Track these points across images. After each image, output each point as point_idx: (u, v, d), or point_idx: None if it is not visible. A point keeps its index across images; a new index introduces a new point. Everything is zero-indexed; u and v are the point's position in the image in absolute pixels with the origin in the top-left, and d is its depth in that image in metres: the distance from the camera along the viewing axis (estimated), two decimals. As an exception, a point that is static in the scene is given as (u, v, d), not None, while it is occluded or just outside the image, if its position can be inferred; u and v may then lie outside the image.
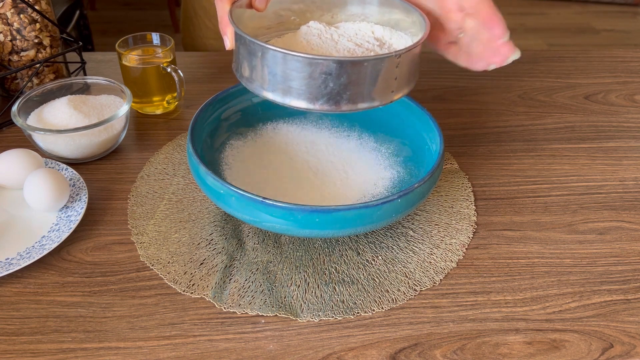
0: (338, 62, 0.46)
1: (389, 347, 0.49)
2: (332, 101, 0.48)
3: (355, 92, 0.48)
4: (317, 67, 0.46)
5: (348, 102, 0.49)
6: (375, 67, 0.48)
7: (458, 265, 0.56)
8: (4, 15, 0.74)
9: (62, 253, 0.57)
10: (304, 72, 0.47)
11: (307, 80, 0.47)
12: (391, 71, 0.49)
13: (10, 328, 0.50)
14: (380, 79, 0.48)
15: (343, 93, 0.48)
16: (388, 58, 0.48)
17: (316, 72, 0.47)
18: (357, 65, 0.47)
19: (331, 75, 0.47)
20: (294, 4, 0.60)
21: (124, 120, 0.69)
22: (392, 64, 0.48)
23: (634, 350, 0.49)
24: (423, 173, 0.58)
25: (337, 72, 0.46)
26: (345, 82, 0.47)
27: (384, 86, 0.49)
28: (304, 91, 0.48)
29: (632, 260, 0.57)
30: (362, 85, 0.48)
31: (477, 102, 0.82)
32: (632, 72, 0.90)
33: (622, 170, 0.69)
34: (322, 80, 0.47)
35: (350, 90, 0.48)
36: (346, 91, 0.48)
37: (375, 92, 0.49)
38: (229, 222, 0.60)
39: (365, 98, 0.49)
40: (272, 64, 0.48)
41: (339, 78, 0.47)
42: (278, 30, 0.60)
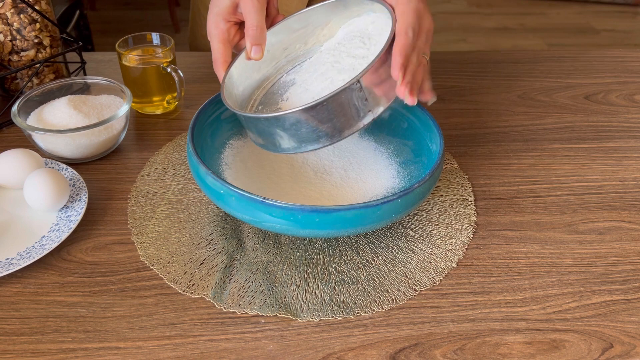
0: (299, 112, 0.50)
1: (389, 347, 0.49)
2: (313, 141, 0.52)
3: (329, 127, 0.51)
4: (285, 121, 0.50)
5: (327, 137, 0.52)
6: (335, 102, 0.50)
7: (458, 265, 0.56)
8: (4, 15, 0.74)
9: (62, 253, 0.57)
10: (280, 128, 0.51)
11: (287, 133, 0.51)
12: (357, 96, 0.50)
13: (10, 328, 0.50)
14: (347, 109, 0.51)
15: (318, 132, 0.51)
16: (344, 90, 0.49)
17: (287, 125, 0.51)
18: (316, 108, 0.50)
19: (299, 123, 0.50)
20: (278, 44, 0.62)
21: (124, 120, 0.69)
22: (352, 92, 0.50)
23: (634, 350, 0.49)
24: (423, 173, 0.58)
25: (304, 119, 0.50)
26: (315, 124, 0.50)
27: (355, 112, 0.51)
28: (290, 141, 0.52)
29: (632, 260, 0.57)
30: (331, 121, 0.51)
31: (477, 102, 0.82)
32: (632, 72, 0.90)
33: (622, 170, 0.69)
34: (295, 129, 0.51)
35: (323, 128, 0.51)
36: (319, 130, 0.51)
37: (348, 121, 0.51)
38: (229, 222, 0.60)
39: (341, 129, 0.52)
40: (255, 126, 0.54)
41: (308, 123, 0.50)
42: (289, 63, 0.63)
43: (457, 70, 0.90)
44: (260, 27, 0.56)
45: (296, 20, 0.61)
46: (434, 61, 0.90)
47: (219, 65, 0.57)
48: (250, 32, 0.56)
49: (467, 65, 0.91)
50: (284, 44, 0.62)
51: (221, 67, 0.57)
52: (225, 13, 0.57)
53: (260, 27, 0.56)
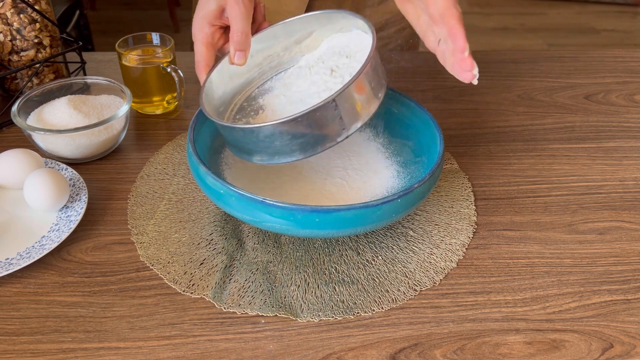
0: (275, 125, 0.50)
1: (389, 347, 0.49)
2: (286, 154, 0.52)
3: (303, 142, 0.52)
4: (260, 132, 0.51)
5: (300, 151, 0.52)
6: (310, 119, 0.50)
7: (458, 265, 0.56)
8: (4, 15, 0.74)
9: (62, 253, 0.57)
10: (254, 138, 0.52)
11: (259, 144, 0.52)
12: (332, 114, 0.51)
13: (10, 328, 0.50)
14: (324, 125, 0.51)
15: (292, 146, 0.52)
16: (321, 107, 0.50)
17: (261, 136, 0.51)
18: (291, 123, 0.50)
19: (273, 136, 0.51)
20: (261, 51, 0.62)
21: (124, 120, 0.69)
22: (328, 110, 0.50)
23: (634, 350, 0.49)
24: (423, 173, 0.58)
25: (278, 133, 0.51)
26: (289, 138, 0.51)
27: (331, 128, 0.52)
28: (259, 151, 0.53)
29: (632, 260, 0.57)
30: (306, 136, 0.51)
31: (477, 102, 0.82)
32: (632, 72, 0.90)
33: (622, 170, 0.69)
34: (269, 141, 0.51)
35: (297, 142, 0.51)
36: (293, 144, 0.51)
37: (325, 135, 0.52)
38: (229, 222, 0.60)
39: (315, 145, 0.52)
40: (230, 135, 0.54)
41: (281, 136, 0.51)
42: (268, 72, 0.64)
43: (457, 70, 0.90)
44: (246, 33, 0.57)
45: (281, 28, 0.61)
46: (435, 61, 0.90)
47: (200, 68, 0.57)
48: (235, 37, 0.56)
49: (467, 65, 0.91)
50: (267, 51, 0.62)
51: (203, 70, 0.57)
52: (210, 17, 0.57)
53: (245, 33, 0.56)
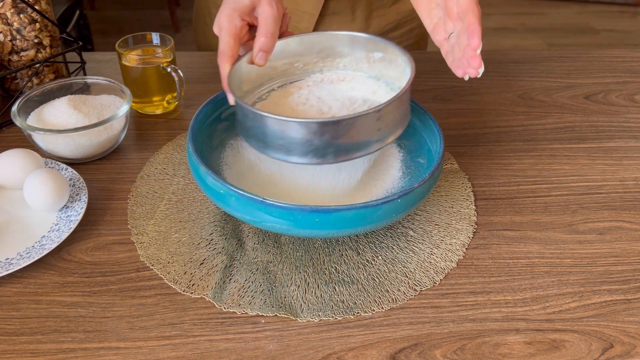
0: (320, 123, 0.50)
1: (389, 347, 0.49)
2: (319, 156, 0.52)
3: (340, 147, 0.52)
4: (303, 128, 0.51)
5: (334, 155, 0.52)
6: (356, 123, 0.51)
7: (458, 265, 0.56)
8: (4, 15, 0.74)
9: (62, 253, 0.57)
10: (291, 133, 0.51)
11: (294, 139, 0.51)
12: (372, 125, 0.52)
13: (10, 328, 0.50)
14: (364, 133, 0.52)
15: (328, 148, 0.52)
16: (368, 114, 0.51)
17: (302, 132, 0.51)
18: (338, 124, 0.51)
19: (315, 135, 0.51)
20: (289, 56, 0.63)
21: (123, 120, 0.69)
22: (372, 119, 0.52)
23: (634, 350, 0.49)
24: (423, 173, 0.58)
25: (320, 132, 0.50)
26: (328, 139, 0.51)
27: (368, 138, 0.53)
28: (293, 148, 0.52)
29: (632, 260, 0.57)
30: (345, 141, 0.52)
31: (477, 102, 0.82)
32: (632, 72, 0.90)
33: (622, 170, 0.69)
34: (308, 139, 0.51)
35: (335, 145, 0.52)
36: (330, 147, 0.52)
37: (360, 144, 0.53)
38: (229, 222, 0.60)
39: (350, 151, 0.53)
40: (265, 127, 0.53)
41: (322, 136, 0.51)
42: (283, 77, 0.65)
43: (457, 70, 0.90)
44: (274, 35, 0.57)
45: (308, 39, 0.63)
46: (434, 61, 0.90)
47: (225, 58, 0.57)
48: (263, 38, 0.56)
49: (467, 65, 0.91)
50: (285, 58, 0.63)
51: (227, 61, 0.57)
52: (242, 11, 0.57)
53: (273, 35, 0.57)
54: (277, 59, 0.62)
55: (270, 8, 0.56)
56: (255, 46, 0.57)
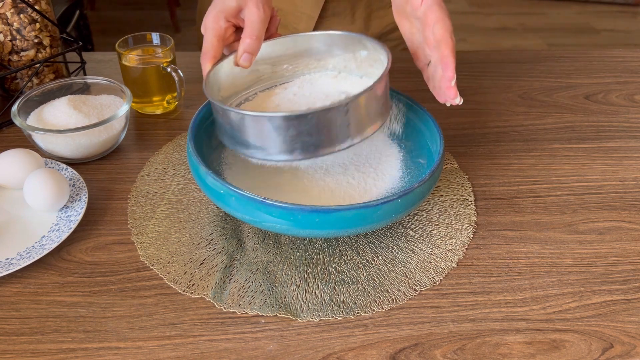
0: (284, 117, 0.50)
1: (389, 347, 0.49)
2: (286, 152, 0.51)
3: (307, 142, 0.51)
4: (267, 122, 0.50)
5: (302, 151, 0.51)
6: (321, 117, 0.50)
7: (458, 265, 0.56)
8: (4, 15, 0.74)
9: (62, 253, 0.57)
10: (255, 128, 0.51)
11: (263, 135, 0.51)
12: (341, 120, 0.51)
13: (10, 328, 0.50)
14: (331, 128, 0.51)
15: (295, 144, 0.51)
16: (333, 109, 0.50)
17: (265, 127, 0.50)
18: (303, 118, 0.50)
19: (280, 129, 0.50)
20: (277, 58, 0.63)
21: (123, 120, 0.69)
22: (339, 113, 0.51)
23: (634, 350, 0.49)
24: (423, 173, 0.58)
25: (284, 126, 0.50)
26: (294, 134, 0.50)
27: (336, 134, 0.52)
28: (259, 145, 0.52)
29: (632, 260, 0.57)
30: (312, 135, 0.51)
31: (477, 102, 0.82)
32: (632, 72, 0.90)
33: (622, 170, 0.69)
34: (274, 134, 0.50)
35: (302, 141, 0.51)
36: (297, 142, 0.51)
37: (329, 140, 0.52)
38: (229, 222, 0.60)
39: (319, 146, 0.52)
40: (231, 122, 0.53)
41: (287, 131, 0.50)
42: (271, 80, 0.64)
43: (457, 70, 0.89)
44: (259, 38, 0.57)
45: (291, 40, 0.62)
46: (434, 61, 0.90)
47: (207, 58, 0.57)
48: (248, 40, 0.57)
49: (467, 65, 0.91)
50: (273, 60, 0.63)
51: (209, 60, 0.57)
52: (228, 13, 0.57)
53: (258, 38, 0.57)
54: (264, 62, 0.62)
55: (257, 10, 0.57)
56: (240, 48, 0.57)
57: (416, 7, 0.55)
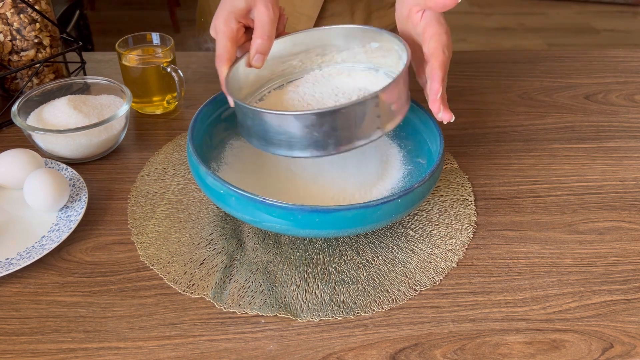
0: (318, 114, 0.50)
1: (389, 347, 0.49)
2: (320, 147, 0.52)
3: (340, 136, 0.52)
4: (301, 121, 0.51)
5: (335, 146, 0.52)
6: (354, 112, 0.51)
7: (458, 265, 0.56)
8: (4, 15, 0.74)
9: (62, 253, 0.57)
10: (290, 127, 0.51)
11: (294, 133, 0.51)
12: (372, 111, 0.52)
13: (10, 328, 0.50)
14: (363, 121, 0.52)
15: (328, 139, 0.51)
16: (366, 101, 0.51)
17: (301, 125, 0.51)
18: (336, 114, 0.50)
19: (314, 126, 0.50)
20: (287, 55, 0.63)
21: (123, 120, 0.69)
22: (370, 106, 0.51)
23: (634, 350, 0.49)
24: (423, 173, 0.58)
25: (319, 123, 0.50)
26: (327, 129, 0.51)
27: (367, 126, 0.52)
28: (293, 143, 0.52)
29: (632, 260, 0.57)
30: (345, 130, 0.51)
31: (477, 102, 0.82)
32: (632, 72, 0.90)
33: (622, 170, 0.69)
34: (308, 131, 0.51)
35: (335, 136, 0.51)
36: (330, 137, 0.51)
37: (360, 133, 0.52)
38: (229, 222, 0.60)
39: (351, 140, 0.52)
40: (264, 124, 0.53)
41: (321, 127, 0.50)
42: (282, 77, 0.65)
43: (457, 70, 0.90)
44: (270, 38, 0.57)
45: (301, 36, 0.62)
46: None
47: (223, 61, 0.57)
48: (259, 40, 0.57)
49: (467, 65, 0.91)
50: (283, 57, 0.63)
51: (225, 63, 0.57)
52: (238, 14, 0.57)
53: (270, 37, 0.57)
54: (275, 60, 0.62)
55: (266, 10, 0.57)
56: (252, 48, 0.57)
57: (416, 23, 0.56)
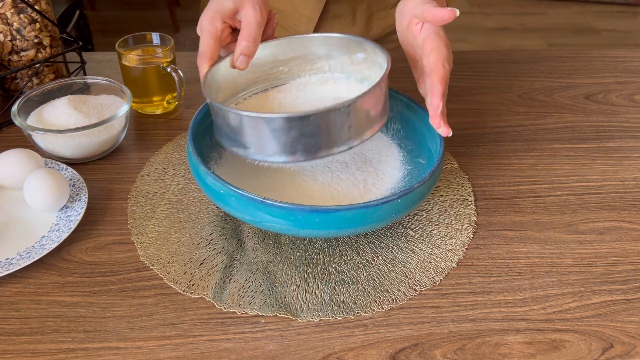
0: (286, 118, 0.50)
1: (389, 347, 0.49)
2: (287, 153, 0.51)
3: (308, 143, 0.51)
4: (269, 124, 0.50)
5: (303, 153, 0.51)
6: (323, 119, 0.50)
7: (458, 265, 0.56)
8: (4, 15, 0.74)
9: (62, 253, 0.57)
10: (257, 130, 0.51)
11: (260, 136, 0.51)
12: (342, 121, 0.51)
13: (10, 328, 0.50)
14: (332, 130, 0.51)
15: (297, 145, 0.51)
16: (335, 110, 0.50)
17: (267, 129, 0.50)
18: (305, 120, 0.50)
19: (282, 130, 0.50)
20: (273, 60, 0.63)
21: (123, 120, 0.69)
22: (341, 115, 0.51)
23: (634, 350, 0.49)
24: (423, 173, 0.58)
25: (287, 127, 0.50)
26: (296, 135, 0.50)
27: (337, 135, 0.52)
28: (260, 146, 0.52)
29: (632, 260, 0.57)
30: (314, 137, 0.51)
31: (477, 102, 0.82)
32: (632, 72, 0.90)
33: (622, 170, 0.69)
34: (275, 135, 0.50)
35: (303, 142, 0.51)
36: (298, 144, 0.51)
37: (330, 141, 0.52)
38: (229, 222, 0.60)
39: (320, 148, 0.52)
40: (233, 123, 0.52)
41: (289, 132, 0.50)
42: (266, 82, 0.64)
43: (457, 70, 0.89)
44: (256, 40, 0.57)
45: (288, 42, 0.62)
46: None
47: (204, 59, 0.57)
48: (245, 42, 0.57)
49: (467, 65, 0.91)
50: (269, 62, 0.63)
51: (206, 62, 0.57)
52: (225, 14, 0.57)
53: (255, 40, 0.57)
54: (261, 63, 0.62)
55: (254, 12, 0.57)
56: (237, 50, 0.57)
57: (416, 35, 0.56)
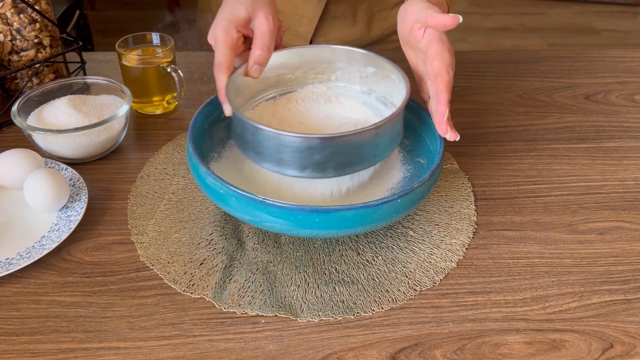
0: (322, 139, 0.51)
1: (389, 347, 0.49)
2: (319, 169, 0.53)
3: (339, 161, 0.53)
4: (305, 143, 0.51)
5: (334, 169, 0.53)
6: (355, 139, 0.52)
7: (458, 265, 0.56)
8: (4, 15, 0.74)
9: (62, 253, 0.57)
10: (292, 148, 0.52)
11: (295, 154, 0.52)
12: (371, 141, 0.53)
13: (10, 328, 0.50)
14: (362, 149, 0.53)
15: (328, 162, 0.52)
16: (367, 131, 0.52)
17: (303, 147, 0.51)
18: (339, 140, 0.52)
19: (317, 149, 0.51)
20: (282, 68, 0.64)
21: (123, 120, 0.69)
22: (371, 135, 0.53)
23: (634, 350, 0.49)
24: (423, 173, 0.58)
25: (322, 147, 0.51)
26: (329, 154, 0.52)
27: (365, 153, 0.54)
28: (293, 162, 0.53)
29: (632, 260, 0.57)
30: (345, 155, 0.53)
31: (477, 102, 0.82)
32: (632, 72, 0.90)
33: (622, 170, 0.69)
34: (309, 153, 0.52)
35: (335, 160, 0.52)
36: (330, 161, 0.52)
37: (358, 160, 0.54)
38: (229, 222, 0.60)
39: (349, 165, 0.54)
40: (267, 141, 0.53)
41: (323, 151, 0.52)
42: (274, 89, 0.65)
43: (457, 70, 0.89)
44: (269, 49, 0.58)
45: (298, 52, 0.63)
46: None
47: (222, 69, 0.57)
48: (258, 51, 0.57)
49: (467, 65, 0.91)
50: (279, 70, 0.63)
51: (224, 72, 0.57)
52: (239, 23, 0.57)
53: (269, 49, 0.58)
54: (271, 71, 0.62)
55: (267, 21, 0.57)
56: (251, 59, 0.57)
57: (418, 40, 0.56)
